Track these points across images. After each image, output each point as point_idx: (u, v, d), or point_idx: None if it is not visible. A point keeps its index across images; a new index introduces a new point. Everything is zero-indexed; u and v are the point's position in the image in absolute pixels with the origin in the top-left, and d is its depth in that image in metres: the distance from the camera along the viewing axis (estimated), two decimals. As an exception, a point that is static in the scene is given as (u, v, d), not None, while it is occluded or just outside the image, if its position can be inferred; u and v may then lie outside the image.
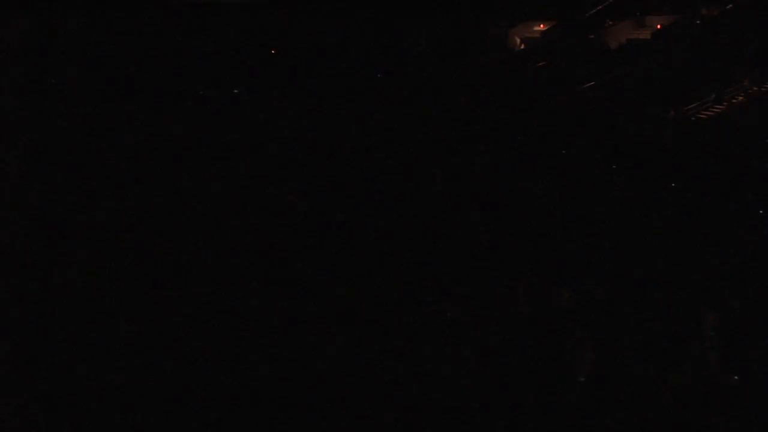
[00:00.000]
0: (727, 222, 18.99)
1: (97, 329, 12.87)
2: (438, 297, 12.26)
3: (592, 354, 10.83)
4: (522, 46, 50.73)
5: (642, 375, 10.83)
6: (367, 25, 55.68)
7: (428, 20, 55.64)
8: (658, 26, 43.34)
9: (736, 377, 10.78)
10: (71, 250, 16.57)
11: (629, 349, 11.24)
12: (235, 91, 50.71)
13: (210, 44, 52.94)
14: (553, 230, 17.11)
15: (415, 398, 10.32)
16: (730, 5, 39.78)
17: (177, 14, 54.86)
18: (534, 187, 24.13)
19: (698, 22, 40.75)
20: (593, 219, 18.39)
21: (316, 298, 12.68)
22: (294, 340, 12.00)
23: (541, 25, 53.59)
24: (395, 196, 19.97)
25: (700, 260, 15.33)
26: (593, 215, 18.71)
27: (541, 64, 43.97)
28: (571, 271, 13.70)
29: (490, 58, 48.55)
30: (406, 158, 29.40)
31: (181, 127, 36.28)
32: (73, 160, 27.40)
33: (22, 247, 16.72)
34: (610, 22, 48.29)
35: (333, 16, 57.21)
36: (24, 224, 17.87)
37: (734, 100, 32.35)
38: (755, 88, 32.20)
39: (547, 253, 14.81)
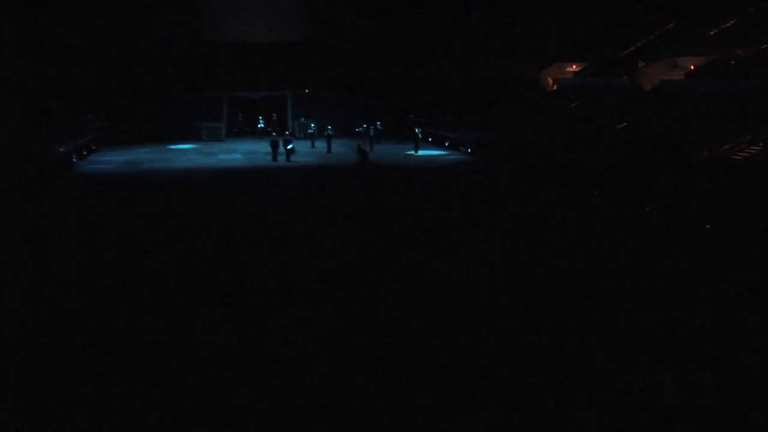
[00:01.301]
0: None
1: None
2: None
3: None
4: (554, 87, 51.07)
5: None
6: (405, 66, 56.36)
7: (464, 60, 56.35)
8: (692, 67, 43.35)
9: None
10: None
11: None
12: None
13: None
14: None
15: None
16: (765, 45, 39.74)
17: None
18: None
19: (733, 62, 40.71)
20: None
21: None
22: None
23: (574, 66, 53.95)
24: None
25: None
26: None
27: (574, 104, 44.07)
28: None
29: (523, 98, 48.84)
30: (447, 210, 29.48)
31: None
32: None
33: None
34: (643, 63, 48.41)
35: (370, 68, 57.88)
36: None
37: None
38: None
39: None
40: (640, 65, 48.24)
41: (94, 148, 44.12)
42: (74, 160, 38.36)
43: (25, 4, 49.16)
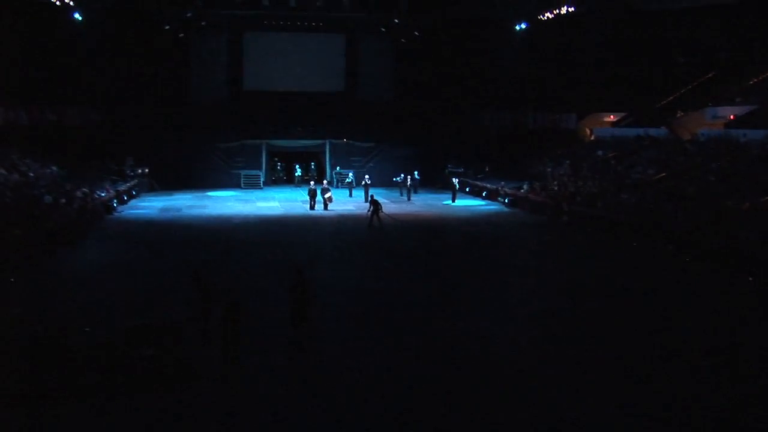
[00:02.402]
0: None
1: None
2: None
3: None
4: (592, 137, 50.84)
5: None
6: (443, 116, 56.63)
7: (502, 110, 56.50)
8: (731, 117, 43.02)
9: None
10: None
11: None
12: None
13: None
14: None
15: None
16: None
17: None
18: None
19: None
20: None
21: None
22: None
23: (611, 116, 53.73)
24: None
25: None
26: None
27: (612, 155, 43.87)
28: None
29: (561, 149, 48.70)
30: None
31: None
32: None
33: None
34: (681, 113, 48.08)
35: (408, 118, 58.22)
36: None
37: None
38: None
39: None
40: (678, 115, 47.96)
41: (134, 193, 44.82)
42: (115, 204, 39.02)
43: (66, 50, 50.40)
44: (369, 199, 35.27)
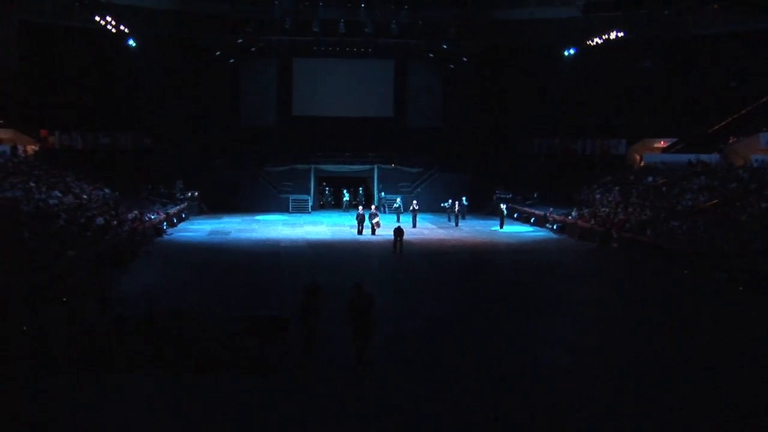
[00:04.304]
0: None
1: None
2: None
3: None
4: (642, 163, 50.34)
5: None
6: (492, 141, 56.69)
7: (550, 135, 56.22)
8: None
9: None
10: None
11: None
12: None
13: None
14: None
15: None
16: None
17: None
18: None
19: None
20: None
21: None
22: None
23: (662, 142, 53.17)
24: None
25: None
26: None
27: (662, 180, 43.37)
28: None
29: (611, 175, 48.36)
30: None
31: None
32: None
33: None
34: (734, 138, 47.42)
35: (456, 144, 58.24)
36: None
37: None
38: None
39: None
40: (730, 141, 47.30)
41: (184, 216, 45.44)
42: (165, 227, 39.51)
43: (120, 76, 51.39)
44: (393, 230, 34.92)
